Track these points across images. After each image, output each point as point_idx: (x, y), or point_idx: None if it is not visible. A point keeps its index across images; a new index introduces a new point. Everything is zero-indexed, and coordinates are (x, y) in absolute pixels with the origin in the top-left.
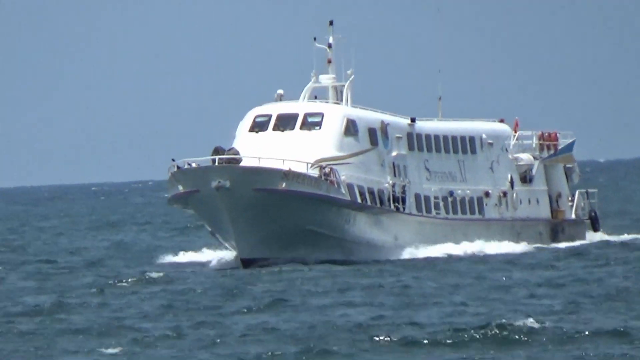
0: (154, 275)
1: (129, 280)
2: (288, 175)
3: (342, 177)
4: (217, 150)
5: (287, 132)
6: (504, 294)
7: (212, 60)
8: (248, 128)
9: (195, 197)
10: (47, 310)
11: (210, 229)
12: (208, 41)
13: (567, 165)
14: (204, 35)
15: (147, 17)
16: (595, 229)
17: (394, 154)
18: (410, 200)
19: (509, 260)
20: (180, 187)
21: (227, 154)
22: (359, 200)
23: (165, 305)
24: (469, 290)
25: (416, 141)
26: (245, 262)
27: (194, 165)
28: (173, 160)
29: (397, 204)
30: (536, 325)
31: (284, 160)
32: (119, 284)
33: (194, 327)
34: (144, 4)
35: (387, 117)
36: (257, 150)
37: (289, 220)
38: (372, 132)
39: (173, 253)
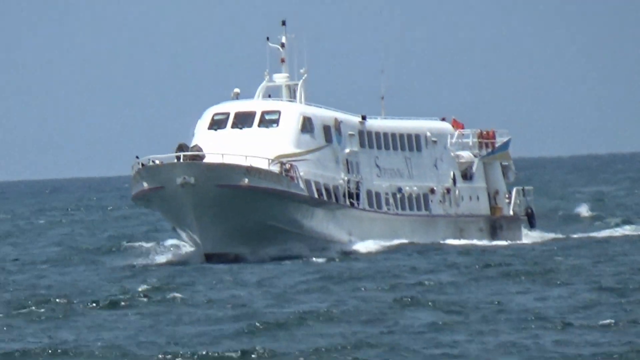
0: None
1: None
2: (250, 171)
3: (301, 174)
4: (182, 147)
5: (245, 130)
6: None
7: (168, 58)
8: (207, 126)
9: (159, 193)
10: None
11: (172, 225)
12: (165, 40)
13: (504, 163)
14: (160, 35)
15: (109, 19)
16: (532, 225)
17: (347, 151)
18: (363, 197)
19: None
20: (145, 184)
21: (190, 151)
22: (316, 196)
23: None
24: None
25: (367, 138)
26: (209, 257)
27: (157, 162)
28: (137, 157)
29: (352, 200)
30: None
31: (246, 157)
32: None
33: None
34: (105, 7)
35: (340, 115)
36: (217, 147)
37: (251, 216)
38: (326, 129)
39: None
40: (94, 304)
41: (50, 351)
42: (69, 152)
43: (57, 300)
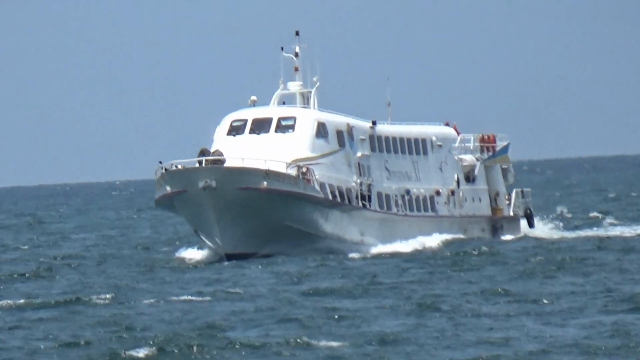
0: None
1: None
2: (269, 174)
3: (316, 176)
4: (203, 152)
5: (263, 135)
6: None
7: (188, 67)
8: (226, 132)
9: (182, 196)
10: None
11: (194, 228)
12: (185, 49)
13: (503, 166)
14: (181, 45)
15: (132, 28)
16: (531, 225)
17: (358, 154)
18: (374, 198)
19: None
20: (168, 188)
21: (212, 156)
22: (331, 198)
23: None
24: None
25: (377, 143)
26: (229, 257)
27: (179, 167)
28: (160, 162)
29: (364, 202)
30: None
31: (265, 160)
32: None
33: None
34: (128, 15)
35: (352, 121)
36: (235, 152)
37: (269, 217)
38: (339, 134)
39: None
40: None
41: None
42: (90, 156)
43: None
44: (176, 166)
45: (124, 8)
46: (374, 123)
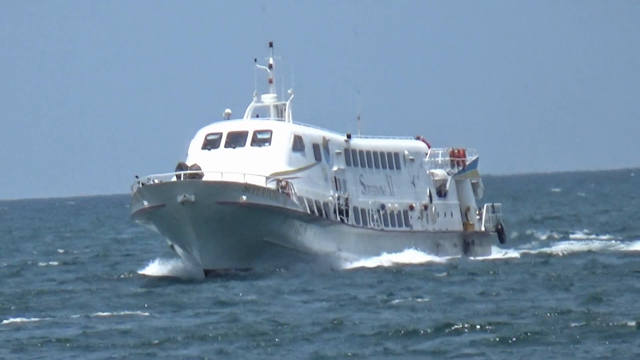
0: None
1: None
2: (249, 188)
3: (295, 190)
4: (181, 166)
5: (239, 149)
6: None
7: (157, 80)
8: (200, 146)
9: (160, 211)
10: None
11: (170, 243)
12: (154, 61)
13: (473, 181)
14: (150, 56)
15: (102, 42)
16: (502, 241)
17: (334, 168)
18: (351, 213)
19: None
20: (145, 203)
21: (190, 170)
22: (309, 212)
23: None
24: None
25: (352, 157)
26: (207, 273)
27: (156, 181)
28: (137, 177)
29: (341, 216)
30: None
31: (244, 174)
32: None
33: None
34: (98, 30)
35: (327, 134)
36: (211, 166)
37: (248, 232)
38: (316, 147)
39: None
40: None
41: None
42: (62, 171)
43: None
44: (153, 180)
45: (98, 18)
46: (348, 136)
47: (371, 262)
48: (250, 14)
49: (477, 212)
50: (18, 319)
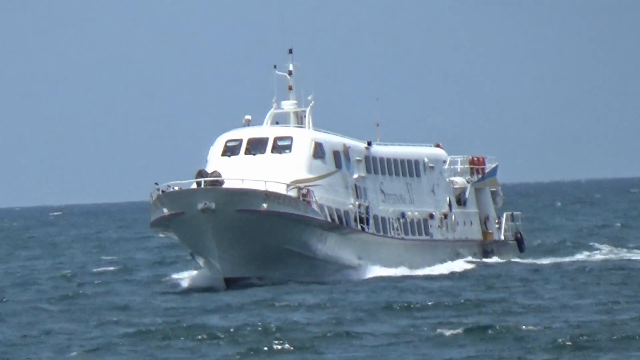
0: None
1: None
2: (269, 196)
3: (316, 198)
4: (201, 173)
5: (259, 156)
6: None
7: (176, 86)
8: (220, 152)
9: (180, 219)
10: None
11: (190, 251)
12: (174, 69)
13: (492, 189)
14: (170, 62)
15: (122, 48)
16: (521, 250)
17: (355, 176)
18: (372, 221)
19: None
20: (165, 210)
21: (210, 177)
22: (330, 221)
23: None
24: None
25: (372, 164)
26: (228, 282)
27: (176, 188)
28: (156, 184)
29: (362, 225)
30: None
31: (265, 182)
32: None
33: None
34: (118, 35)
35: (348, 141)
36: (231, 173)
37: (269, 240)
38: (336, 155)
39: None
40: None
41: None
42: (80, 178)
43: None
44: (173, 188)
45: (116, 25)
46: (369, 144)
47: (392, 271)
48: (270, 20)
49: (497, 221)
50: None
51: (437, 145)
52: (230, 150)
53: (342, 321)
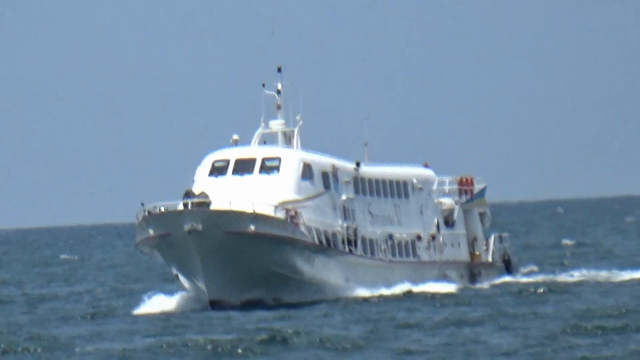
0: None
1: None
2: (257, 217)
3: (304, 220)
4: (188, 194)
5: (246, 176)
6: None
7: (162, 104)
8: (207, 172)
9: (166, 240)
10: None
11: (175, 272)
12: (159, 84)
13: (480, 210)
14: (156, 79)
15: (106, 65)
16: (509, 272)
17: (343, 197)
18: (359, 243)
19: None
20: (151, 231)
21: (197, 198)
22: (317, 243)
23: None
24: None
25: (361, 185)
26: (213, 304)
27: (162, 209)
28: (142, 204)
29: (350, 247)
30: None
31: (253, 203)
32: None
33: None
34: (103, 52)
35: (336, 162)
36: (218, 193)
37: (256, 262)
38: (325, 175)
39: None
40: None
41: None
42: (65, 199)
43: None
44: (159, 208)
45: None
46: (357, 164)
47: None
48: (259, 38)
49: (484, 243)
50: None
51: (426, 164)
52: (217, 170)
53: None
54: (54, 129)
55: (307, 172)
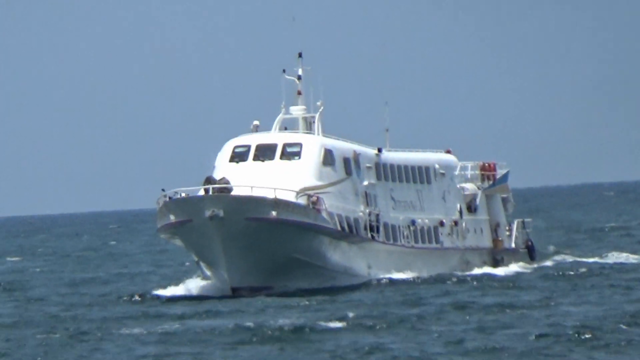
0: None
1: None
2: (278, 204)
3: (325, 206)
4: (209, 180)
5: (267, 162)
6: None
7: (184, 90)
8: (228, 158)
9: (187, 226)
10: None
11: (196, 259)
12: (182, 73)
13: (503, 195)
14: (179, 67)
15: (129, 54)
16: (532, 258)
17: (365, 183)
18: (382, 229)
19: None
20: (172, 217)
21: (218, 184)
22: (339, 229)
23: None
24: None
25: (382, 171)
26: (235, 291)
27: (183, 195)
28: (163, 190)
29: (372, 233)
30: None
31: (274, 189)
32: None
33: None
34: (125, 36)
35: (358, 147)
36: (239, 179)
37: (277, 248)
38: (346, 161)
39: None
40: None
41: None
42: (87, 186)
43: None
44: (180, 194)
45: (123, 29)
46: (379, 150)
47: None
48: (280, 24)
49: (507, 229)
50: None
51: (448, 151)
52: (238, 156)
53: None
54: (76, 117)
55: (328, 158)
